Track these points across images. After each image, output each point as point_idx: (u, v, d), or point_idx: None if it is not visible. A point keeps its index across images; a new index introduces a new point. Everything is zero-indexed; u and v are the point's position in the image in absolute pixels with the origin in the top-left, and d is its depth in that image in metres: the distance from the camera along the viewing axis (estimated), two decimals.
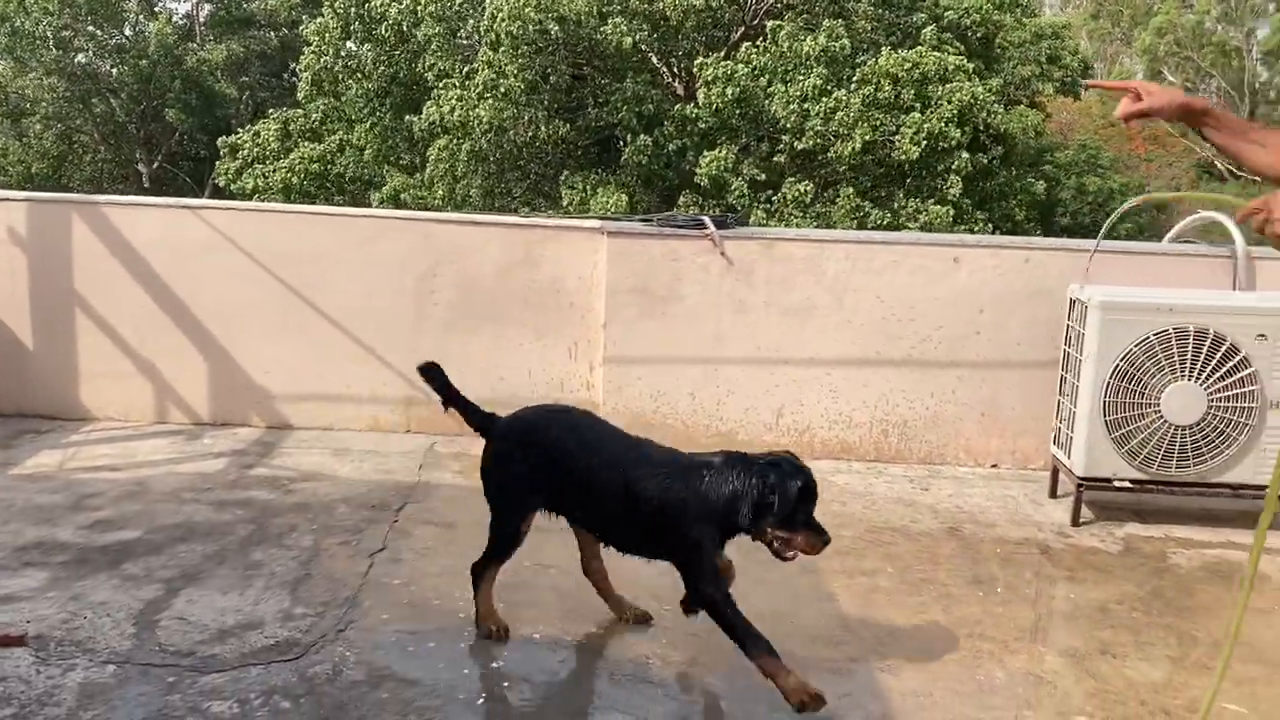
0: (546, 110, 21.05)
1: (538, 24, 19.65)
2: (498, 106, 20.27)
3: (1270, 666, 3.51)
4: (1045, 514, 4.80)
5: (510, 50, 19.94)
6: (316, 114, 25.16)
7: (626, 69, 21.27)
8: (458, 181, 21.57)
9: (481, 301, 5.40)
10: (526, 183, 22.92)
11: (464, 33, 22.10)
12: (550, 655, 3.39)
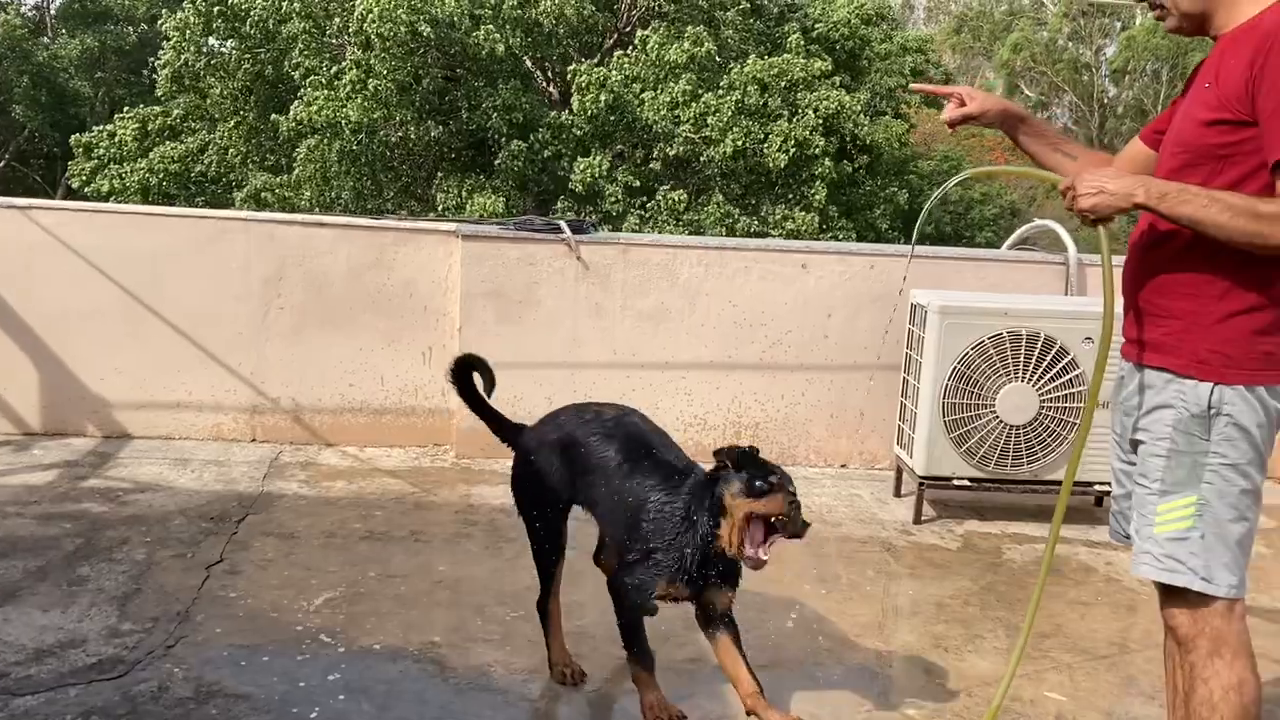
0: (418, 112, 20.79)
1: (409, 25, 19.38)
2: (367, 107, 19.93)
3: (1089, 657, 3.67)
4: (889, 512, 4.94)
5: (381, 51, 19.62)
6: (177, 111, 24.31)
7: (500, 74, 21.14)
8: (328, 183, 21.12)
9: (331, 306, 5.28)
10: (399, 185, 22.58)
11: (331, 31, 21.64)
12: (391, 666, 3.33)
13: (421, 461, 5.26)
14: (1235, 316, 2.35)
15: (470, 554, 4.22)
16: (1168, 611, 2.49)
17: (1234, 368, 2.35)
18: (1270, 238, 2.22)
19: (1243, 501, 2.38)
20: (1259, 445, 2.37)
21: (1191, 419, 2.37)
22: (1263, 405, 2.35)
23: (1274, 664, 3.61)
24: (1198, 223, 2.27)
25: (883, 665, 3.54)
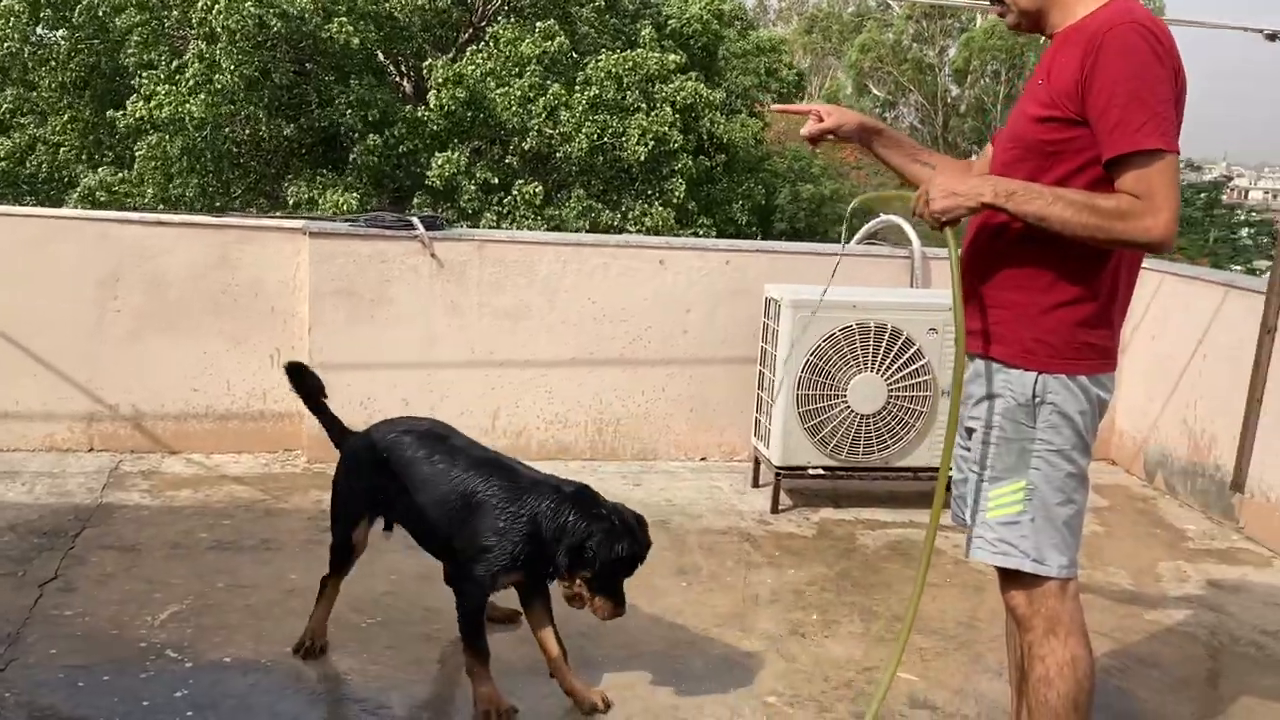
0: (267, 108, 20.14)
1: (257, 19, 18.75)
2: (212, 102, 19.20)
3: (940, 637, 3.79)
4: (748, 503, 5.01)
5: (228, 44, 18.93)
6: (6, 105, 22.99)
7: (353, 68, 20.66)
8: (171, 180, 20.27)
9: (172, 307, 5.06)
10: (248, 182, 21.83)
11: (171, 23, 20.77)
12: (242, 679, 3.21)
13: (272, 467, 5.09)
14: (1059, 308, 2.44)
15: (323, 561, 4.03)
16: (1006, 593, 2.60)
17: (1057, 358, 2.44)
18: (1109, 231, 2.31)
19: (1069, 485, 2.49)
20: (1082, 431, 2.47)
21: (1018, 407, 2.47)
22: (1084, 393, 2.45)
23: (1107, 638, 3.81)
24: (1043, 219, 2.35)
25: (743, 654, 3.59)
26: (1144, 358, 5.69)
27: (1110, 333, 2.49)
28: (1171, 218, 2.28)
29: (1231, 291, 5.14)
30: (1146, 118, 2.28)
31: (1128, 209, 2.29)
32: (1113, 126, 2.29)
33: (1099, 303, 2.45)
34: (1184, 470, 5.38)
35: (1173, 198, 2.29)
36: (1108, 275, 2.44)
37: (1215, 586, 4.37)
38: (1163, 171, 2.28)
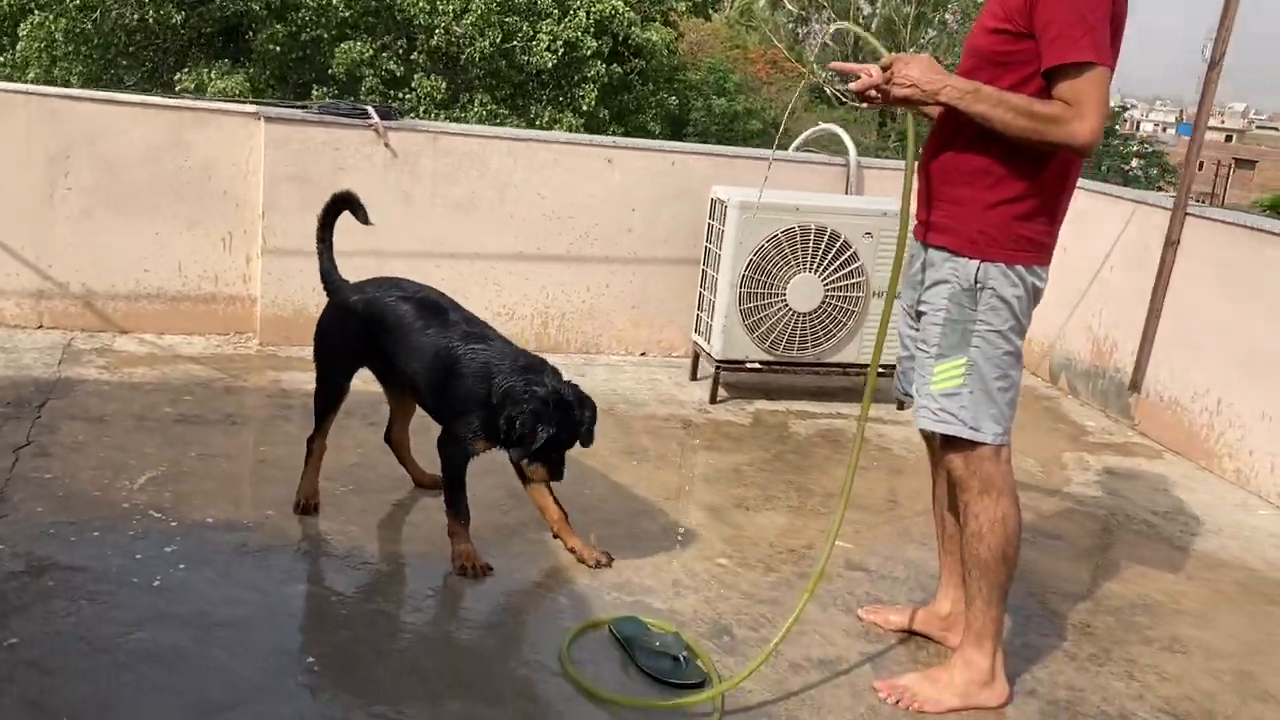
0: None
1: None
2: None
3: (868, 512, 4.14)
4: (688, 394, 5.30)
5: None
6: None
7: None
8: (55, 63, 19.37)
9: (124, 188, 5.06)
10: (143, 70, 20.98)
11: None
12: (228, 537, 3.39)
13: (225, 349, 5.18)
14: (1002, 205, 2.70)
15: (290, 435, 4.25)
16: (946, 457, 2.91)
17: (997, 248, 2.72)
18: (1041, 133, 2.57)
19: (1005, 362, 2.79)
20: (1018, 314, 2.76)
21: (962, 292, 2.75)
22: (1021, 281, 2.74)
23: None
24: (987, 118, 2.60)
25: (693, 523, 3.89)
26: (1055, 269, 6.07)
27: (1048, 229, 2.77)
28: (1097, 124, 2.54)
29: (1140, 207, 5.55)
30: (1083, 33, 2.52)
31: (1059, 114, 2.55)
32: (1052, 39, 2.54)
33: (1038, 201, 2.70)
34: (1086, 373, 5.83)
35: (1099, 106, 2.54)
36: (1048, 177, 2.69)
37: (1112, 474, 4.82)
38: (1091, 81, 2.53)
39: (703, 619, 3.21)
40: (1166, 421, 5.22)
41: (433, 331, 3.38)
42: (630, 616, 3.12)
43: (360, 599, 3.16)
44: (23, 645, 2.71)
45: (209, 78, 19.07)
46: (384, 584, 3.30)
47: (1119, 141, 32.48)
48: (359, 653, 2.87)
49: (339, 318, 3.60)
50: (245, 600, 3.04)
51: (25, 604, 2.89)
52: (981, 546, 2.84)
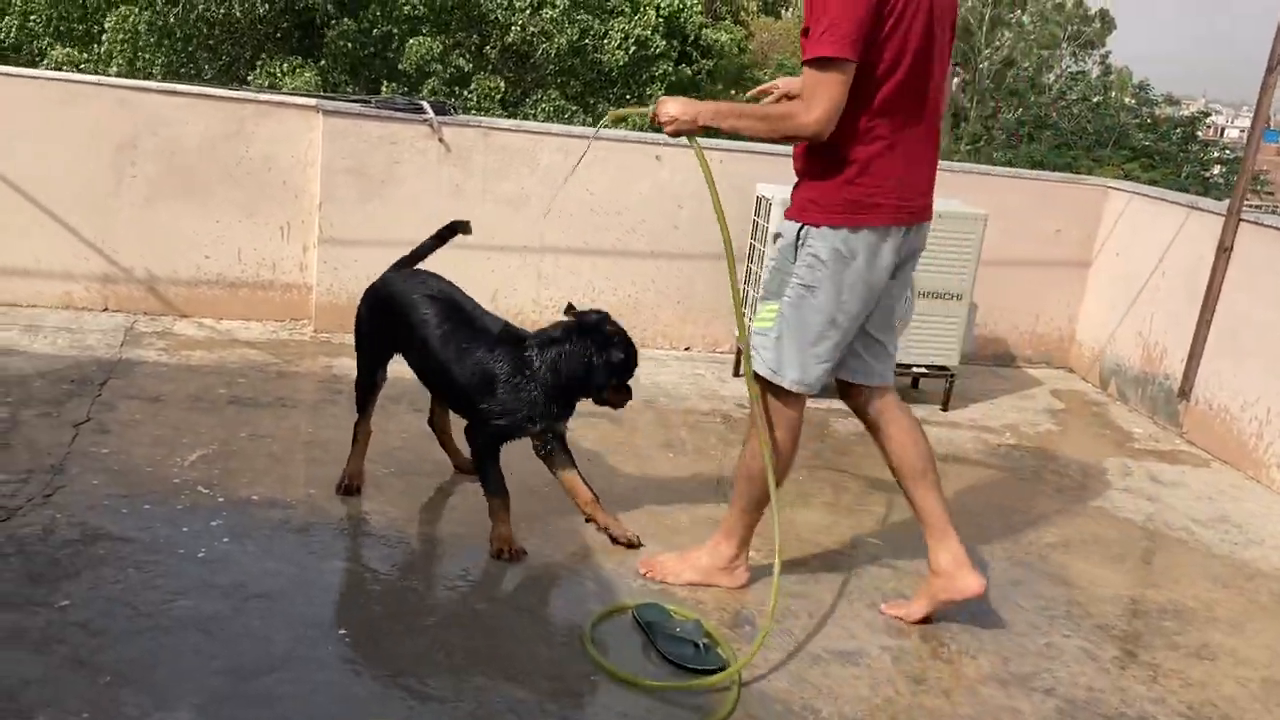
0: None
1: None
2: None
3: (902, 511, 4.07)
4: (729, 390, 5.34)
5: None
6: None
7: None
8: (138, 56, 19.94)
9: (187, 176, 5.25)
10: (220, 64, 21.51)
11: None
12: (271, 513, 3.52)
13: (280, 334, 5.34)
14: (826, 174, 2.97)
15: (337, 418, 4.39)
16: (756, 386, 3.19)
17: (818, 211, 3.00)
18: (779, 130, 2.89)
19: (813, 318, 3.04)
20: (834, 277, 2.99)
21: (788, 247, 3.10)
22: (844, 243, 2.97)
23: (1055, 519, 4.19)
24: (738, 130, 2.96)
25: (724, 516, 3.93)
26: (1107, 273, 6.04)
27: (875, 189, 2.95)
28: (822, 114, 2.80)
29: (1194, 213, 5.47)
30: (823, 30, 2.78)
31: (788, 111, 2.88)
32: (808, 24, 2.85)
33: (861, 166, 2.93)
34: (1136, 379, 5.76)
35: (827, 98, 2.80)
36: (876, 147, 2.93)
37: (1155, 481, 4.78)
38: (823, 76, 2.80)
39: (726, 608, 3.27)
40: (1215, 430, 5.15)
41: (454, 329, 3.46)
42: (653, 603, 3.18)
43: (394, 576, 3.27)
44: (73, 608, 2.86)
45: (282, 70, 19.50)
46: (418, 563, 3.40)
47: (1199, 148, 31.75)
48: (389, 627, 2.97)
49: (368, 304, 3.72)
50: (283, 574, 3.16)
51: (77, 570, 3.03)
52: (752, 461, 3.23)
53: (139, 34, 19.51)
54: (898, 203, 2.98)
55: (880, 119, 2.90)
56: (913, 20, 2.87)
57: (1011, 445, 5.03)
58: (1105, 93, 29.55)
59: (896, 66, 2.88)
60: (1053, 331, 6.28)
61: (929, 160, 3.08)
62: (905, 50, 2.88)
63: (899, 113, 2.92)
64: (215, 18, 19.82)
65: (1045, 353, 6.32)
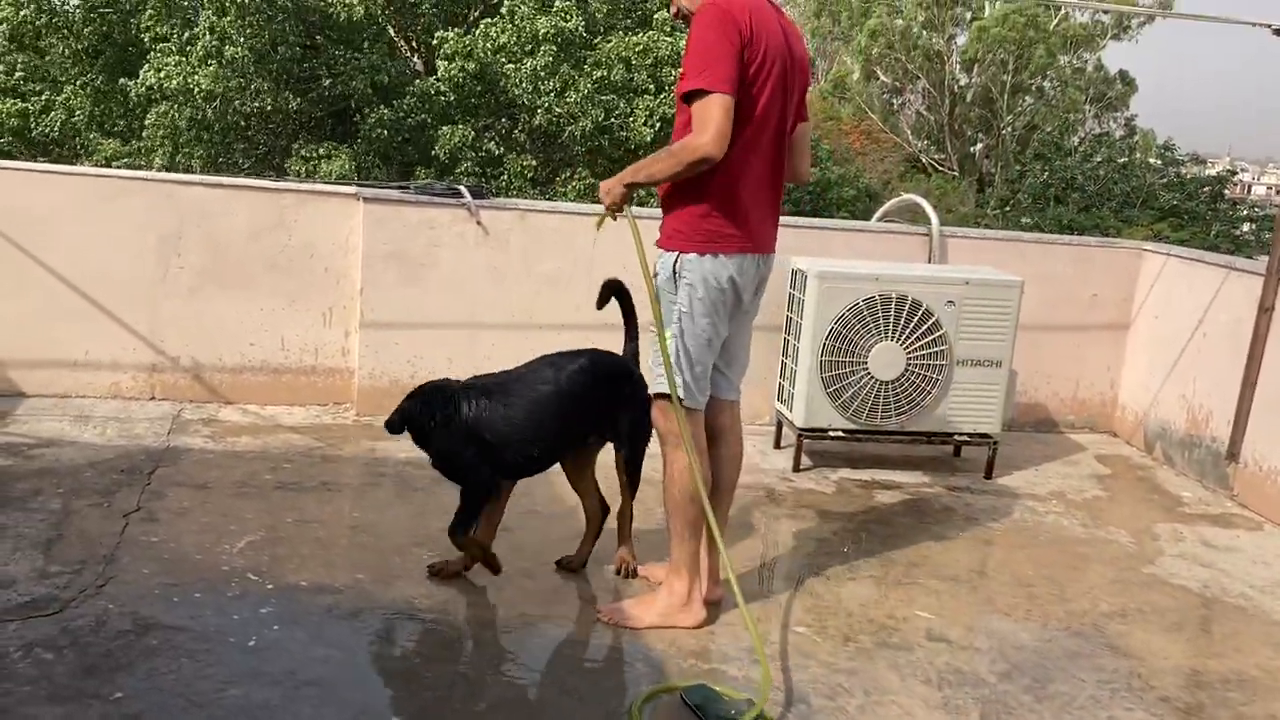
0: (275, 80, 20.33)
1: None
2: (220, 75, 19.39)
3: (953, 582, 4.11)
4: (771, 462, 5.32)
5: (236, 18, 19.11)
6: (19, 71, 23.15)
7: (362, 40, 20.85)
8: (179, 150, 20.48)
9: (231, 266, 5.35)
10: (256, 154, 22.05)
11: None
12: (320, 599, 3.52)
13: (323, 419, 5.39)
14: (688, 207, 3.32)
15: (382, 501, 4.42)
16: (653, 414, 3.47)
17: (685, 241, 3.34)
18: (683, 160, 3.17)
19: (698, 340, 3.37)
20: (706, 300, 3.34)
21: (667, 279, 3.40)
22: (710, 270, 3.32)
23: (1109, 588, 4.14)
24: (654, 177, 3.32)
25: (772, 591, 3.91)
26: (1147, 335, 6.01)
27: (727, 221, 3.31)
28: (712, 137, 3.10)
29: (1232, 273, 5.44)
30: (700, 68, 3.14)
31: (685, 143, 3.16)
32: (684, 74, 3.20)
33: (715, 201, 3.29)
34: (1182, 442, 5.69)
35: (713, 123, 3.10)
36: (727, 184, 3.28)
37: (1209, 546, 4.69)
38: (706, 105, 3.12)
39: (778, 687, 3.22)
40: (1267, 492, 5.06)
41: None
42: (701, 684, 3.15)
43: (444, 661, 3.26)
44: (127, 700, 2.87)
45: (318, 154, 19.94)
46: (467, 646, 3.39)
47: (1227, 206, 31.66)
48: (441, 713, 2.96)
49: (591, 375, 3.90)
50: (333, 660, 3.16)
51: (131, 661, 3.05)
52: (675, 489, 3.42)
53: (179, 129, 20.06)
54: (749, 234, 3.36)
55: (734, 160, 3.24)
56: (768, 76, 3.25)
57: (1059, 513, 4.96)
58: (1130, 153, 29.63)
59: (751, 114, 3.24)
60: (1094, 396, 6.24)
61: (772, 202, 3.47)
62: (759, 101, 3.25)
63: (750, 155, 3.29)
64: (252, 111, 20.36)
65: (1088, 417, 6.26)
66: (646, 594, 3.61)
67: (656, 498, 3.78)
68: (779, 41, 3.29)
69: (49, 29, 22.31)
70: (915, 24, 34.04)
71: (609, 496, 3.92)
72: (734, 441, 3.69)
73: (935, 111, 35.81)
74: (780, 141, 3.40)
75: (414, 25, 22.62)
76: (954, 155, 35.48)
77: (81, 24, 21.98)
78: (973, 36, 33.15)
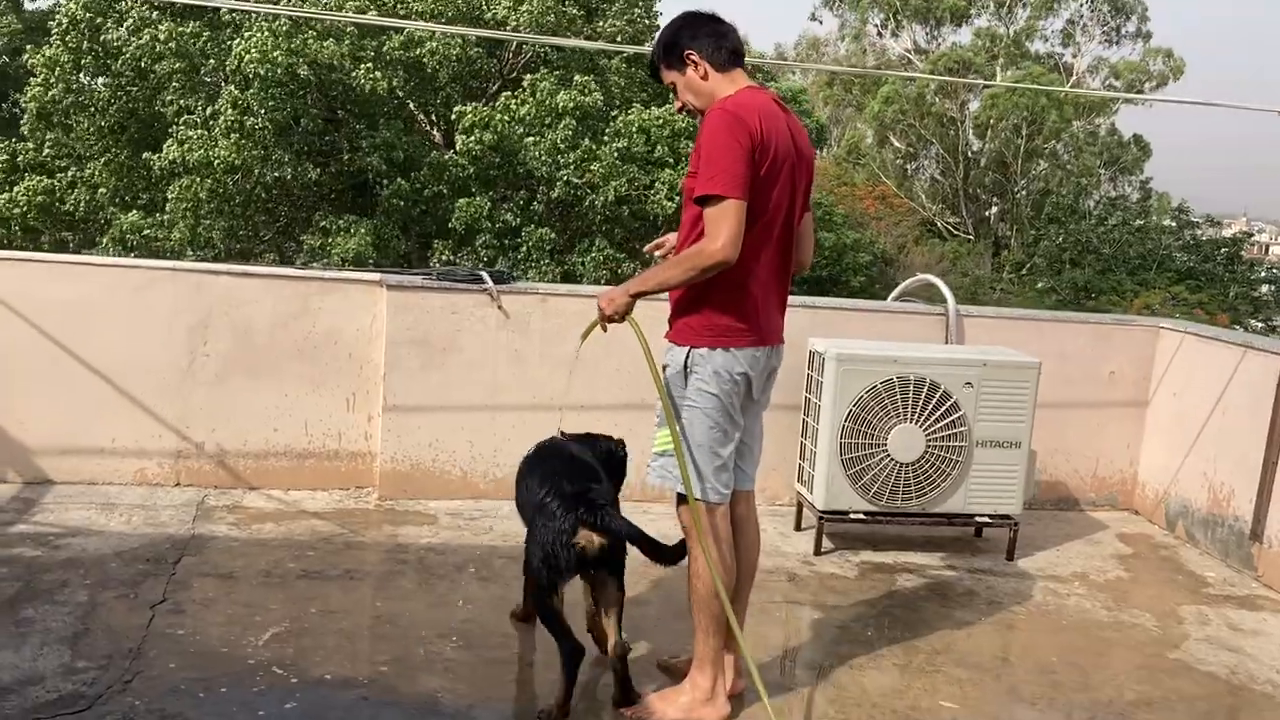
0: (296, 153, 20.70)
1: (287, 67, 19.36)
2: (242, 146, 19.77)
3: (976, 670, 4.09)
4: (792, 545, 5.32)
5: (259, 91, 19.53)
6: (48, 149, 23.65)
7: (381, 114, 21.23)
8: (200, 223, 20.82)
9: (257, 353, 5.44)
10: (276, 226, 22.39)
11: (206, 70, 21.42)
12: (344, 694, 3.54)
13: (346, 503, 5.43)
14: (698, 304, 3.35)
15: (404, 590, 4.44)
16: (678, 509, 3.49)
17: (694, 336, 3.37)
18: (696, 266, 3.22)
19: (713, 434, 3.40)
20: (720, 393, 3.37)
21: (677, 374, 3.42)
22: (722, 363, 3.35)
23: (1134, 675, 4.10)
24: (667, 284, 3.35)
25: (795, 681, 3.90)
26: (1166, 413, 6.01)
27: (738, 316, 3.35)
28: (726, 242, 3.16)
29: (1249, 351, 5.46)
30: (713, 174, 3.19)
31: (698, 249, 3.22)
32: (699, 178, 3.23)
33: (726, 296, 3.33)
34: (1204, 520, 5.66)
35: (727, 228, 3.16)
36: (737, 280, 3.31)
37: (1235, 630, 4.65)
38: (720, 211, 3.18)
39: None
40: None
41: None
42: None
43: None
44: None
45: (337, 226, 20.23)
46: None
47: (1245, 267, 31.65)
48: None
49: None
50: None
51: None
52: (699, 583, 3.43)
53: (201, 201, 20.40)
54: (759, 327, 3.41)
55: (745, 257, 3.26)
56: (776, 176, 3.31)
57: (1082, 595, 4.94)
58: (1145, 216, 29.73)
59: (761, 213, 3.28)
60: (1114, 473, 6.22)
61: (781, 294, 3.52)
62: (768, 200, 3.30)
63: (759, 251, 3.33)
64: (272, 181, 20.70)
65: (1109, 495, 6.25)
66: (670, 689, 3.59)
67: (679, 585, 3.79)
68: (786, 141, 3.35)
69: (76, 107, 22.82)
70: (929, 90, 34.42)
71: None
72: (751, 529, 3.73)
73: (949, 176, 36.10)
74: (788, 235, 3.46)
75: (434, 100, 23.03)
76: (969, 219, 35.67)
77: (108, 101, 22.48)
78: (985, 103, 33.49)
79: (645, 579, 4.70)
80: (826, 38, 41.78)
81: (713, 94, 3.37)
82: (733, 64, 3.41)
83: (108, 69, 22.28)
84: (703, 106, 3.40)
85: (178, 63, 21.08)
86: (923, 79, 33.20)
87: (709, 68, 3.38)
